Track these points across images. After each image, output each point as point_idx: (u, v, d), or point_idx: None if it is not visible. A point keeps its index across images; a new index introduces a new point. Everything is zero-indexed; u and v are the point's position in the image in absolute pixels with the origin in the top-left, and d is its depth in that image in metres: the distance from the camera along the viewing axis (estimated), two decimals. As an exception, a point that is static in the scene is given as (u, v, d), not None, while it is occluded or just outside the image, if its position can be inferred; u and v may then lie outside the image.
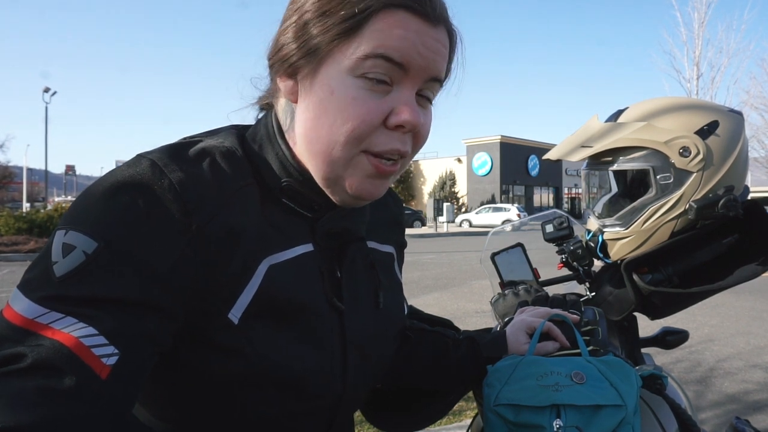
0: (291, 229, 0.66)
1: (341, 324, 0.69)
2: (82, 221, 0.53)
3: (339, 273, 0.70)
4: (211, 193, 0.59)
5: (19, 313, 0.49)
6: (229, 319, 0.59)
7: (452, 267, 10.64)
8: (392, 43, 0.59)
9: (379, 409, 0.99)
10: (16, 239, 13.13)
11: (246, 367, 0.61)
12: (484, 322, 4.83)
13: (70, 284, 0.50)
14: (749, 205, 1.10)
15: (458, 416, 2.95)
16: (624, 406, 0.75)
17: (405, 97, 0.61)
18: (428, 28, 0.61)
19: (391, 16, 0.59)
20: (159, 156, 0.58)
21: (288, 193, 0.66)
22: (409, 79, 0.61)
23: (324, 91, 0.61)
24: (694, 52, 19.38)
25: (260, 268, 0.61)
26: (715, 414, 3.24)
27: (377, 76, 0.60)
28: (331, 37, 0.60)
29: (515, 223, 1.86)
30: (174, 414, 0.66)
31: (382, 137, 0.61)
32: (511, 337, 0.94)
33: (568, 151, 1.17)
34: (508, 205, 31.68)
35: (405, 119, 0.60)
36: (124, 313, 0.51)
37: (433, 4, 0.62)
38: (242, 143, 0.67)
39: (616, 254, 1.18)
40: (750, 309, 6.32)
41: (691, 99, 1.21)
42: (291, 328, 0.64)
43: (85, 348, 0.48)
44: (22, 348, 0.47)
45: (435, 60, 0.62)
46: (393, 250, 0.85)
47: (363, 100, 0.59)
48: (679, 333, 1.34)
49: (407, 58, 0.60)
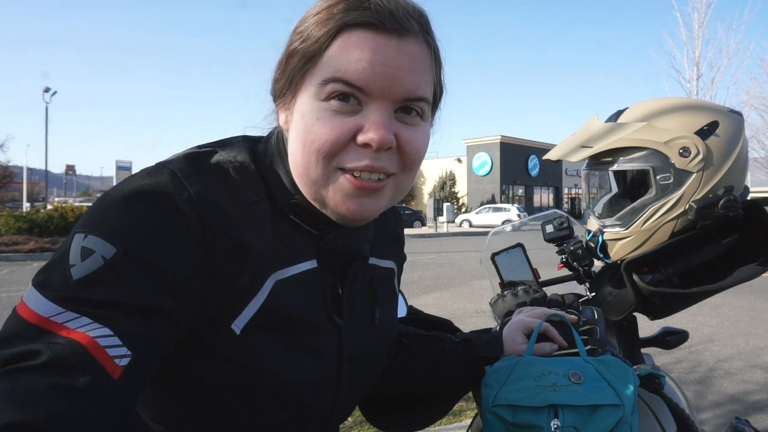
0: (297, 245, 0.67)
1: (339, 339, 0.71)
2: (101, 226, 0.54)
3: (340, 290, 0.72)
4: (226, 208, 0.60)
5: (34, 310, 0.50)
6: (232, 330, 0.61)
7: (452, 267, 10.64)
8: (348, 66, 0.59)
9: (379, 409, 0.99)
10: (16, 239, 13.13)
11: (243, 376, 0.62)
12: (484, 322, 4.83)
13: (87, 287, 0.51)
14: (749, 206, 1.10)
15: (458, 416, 2.95)
16: (621, 406, 0.75)
17: (373, 116, 0.60)
18: (391, 43, 0.60)
19: (348, 37, 0.60)
20: (179, 167, 0.60)
21: (296, 210, 0.67)
22: (376, 99, 0.61)
23: (297, 117, 0.63)
24: (694, 52, 19.39)
25: (267, 284, 0.63)
26: (715, 414, 3.24)
27: (338, 98, 0.60)
28: (300, 67, 0.63)
29: (515, 224, 1.86)
30: (168, 417, 0.67)
31: (352, 154, 0.61)
32: (507, 337, 0.94)
33: (568, 151, 1.17)
34: (508, 205, 31.71)
35: (370, 137, 0.60)
36: (137, 317, 0.52)
37: (394, 16, 0.60)
38: (254, 157, 0.68)
39: (616, 254, 1.18)
40: (750, 309, 6.32)
41: (691, 99, 1.20)
42: (290, 341, 0.65)
43: (100, 348, 0.49)
44: (37, 345, 0.48)
45: (401, 77, 0.60)
46: (394, 265, 0.86)
47: (327, 119, 0.60)
48: (679, 333, 1.34)
49: (365, 80, 0.59)
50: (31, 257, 12.08)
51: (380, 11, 0.60)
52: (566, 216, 1.33)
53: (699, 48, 19.25)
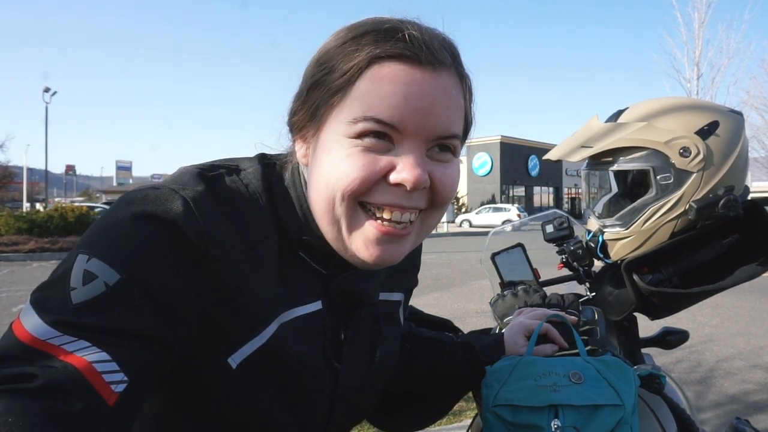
0: (304, 284, 0.66)
1: (334, 380, 0.70)
2: (107, 249, 0.53)
3: (343, 335, 0.71)
4: (235, 244, 0.59)
5: (30, 332, 0.49)
6: (228, 364, 0.60)
7: (452, 267, 10.63)
8: (381, 103, 0.56)
9: (379, 409, 0.99)
10: (16, 239, 13.13)
11: (231, 408, 0.61)
12: (485, 322, 4.83)
13: (86, 313, 0.50)
14: (749, 206, 1.10)
15: (458, 416, 2.95)
16: (622, 406, 0.75)
17: (406, 155, 0.58)
18: (425, 76, 0.57)
19: (380, 70, 0.57)
20: (192, 196, 0.57)
21: (306, 247, 0.65)
22: (410, 136, 0.58)
23: (322, 153, 0.60)
24: (695, 52, 19.39)
25: (271, 327, 0.62)
26: (715, 414, 3.24)
27: (374, 137, 0.57)
28: (325, 100, 0.59)
29: (515, 224, 1.86)
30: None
31: (381, 192, 0.59)
32: (508, 339, 0.94)
33: (568, 151, 1.17)
34: (508, 205, 31.71)
35: (404, 177, 0.57)
36: (136, 344, 0.51)
37: (429, 48, 0.57)
38: (267, 186, 0.65)
39: (616, 254, 1.18)
40: (750, 309, 6.32)
41: (692, 99, 1.20)
42: (284, 379, 0.64)
43: (96, 373, 0.48)
44: (32, 368, 0.47)
45: (436, 112, 0.58)
46: (402, 297, 0.85)
47: (357, 157, 0.57)
48: (680, 333, 1.34)
49: (400, 117, 0.56)
50: (31, 257, 12.08)
51: (414, 43, 0.57)
52: (566, 216, 1.33)
53: (699, 48, 19.26)
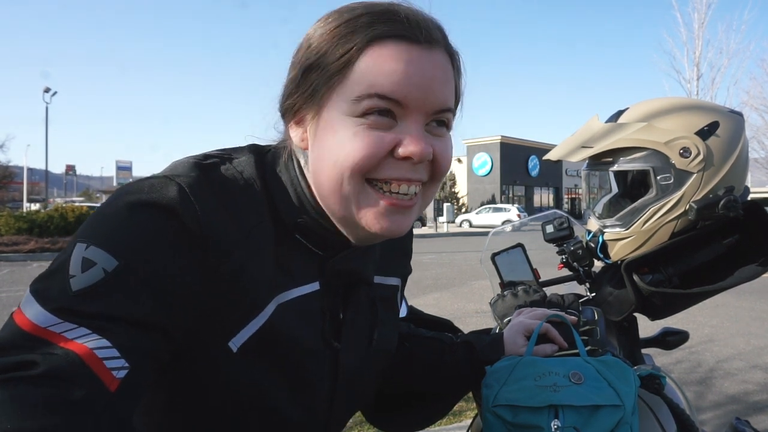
0: (300, 266, 0.67)
1: (334, 362, 0.70)
2: (104, 237, 0.53)
3: (342, 314, 0.71)
4: (231, 230, 0.59)
5: (31, 320, 0.49)
6: (229, 347, 0.60)
7: (452, 267, 10.63)
8: (384, 80, 0.59)
9: (379, 409, 0.99)
10: (16, 239, 13.13)
11: (233, 392, 0.62)
12: (485, 322, 4.83)
13: (86, 299, 0.51)
14: (749, 206, 1.10)
15: (458, 416, 2.95)
16: (622, 406, 0.75)
17: (410, 129, 0.61)
18: (422, 54, 0.60)
19: (379, 49, 0.59)
20: (188, 182, 0.58)
21: (302, 230, 0.66)
22: (412, 111, 0.61)
23: (327, 133, 0.62)
24: (695, 52, 19.40)
25: (269, 307, 0.62)
26: (715, 414, 3.24)
27: (379, 114, 0.60)
28: (325, 81, 0.61)
29: (515, 224, 1.86)
30: (154, 430, 0.66)
31: (387, 167, 0.61)
32: (508, 339, 0.94)
33: (568, 151, 1.17)
34: (508, 206, 31.71)
35: (412, 151, 0.60)
36: (135, 330, 0.52)
37: (424, 28, 0.61)
38: (261, 173, 0.66)
39: (616, 255, 1.18)
40: (750, 309, 6.32)
41: (692, 99, 1.20)
42: (284, 362, 0.65)
43: (97, 359, 0.48)
44: (33, 355, 0.47)
45: (434, 87, 0.61)
46: (398, 282, 0.85)
47: (364, 135, 0.60)
48: (680, 333, 1.34)
49: (403, 93, 0.59)
50: (31, 257, 12.07)
51: (411, 23, 0.60)
52: (566, 216, 1.33)
53: (699, 48, 19.28)
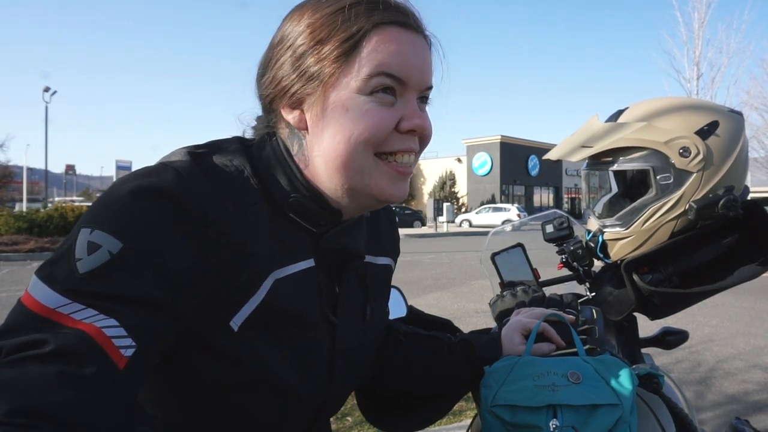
0: (295, 244, 0.69)
1: (332, 336, 0.73)
2: (108, 221, 0.55)
3: (337, 289, 0.74)
4: (228, 209, 0.61)
5: (40, 301, 0.51)
6: (230, 326, 0.62)
7: (452, 267, 10.64)
8: (390, 60, 0.65)
9: (379, 409, 0.99)
10: (16, 239, 13.13)
11: (239, 372, 0.64)
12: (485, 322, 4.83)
13: (93, 281, 0.52)
14: (749, 205, 1.10)
15: (458, 416, 2.95)
16: (620, 406, 0.75)
17: (411, 105, 0.68)
18: (416, 38, 0.68)
19: (383, 33, 0.65)
20: (183, 166, 0.61)
21: (295, 208, 0.69)
22: (410, 89, 0.67)
23: (338, 112, 0.66)
24: (694, 52, 19.41)
25: (266, 282, 0.64)
26: (715, 414, 3.24)
27: (383, 92, 0.66)
28: (330, 62, 0.65)
29: (515, 223, 1.86)
30: (164, 411, 0.68)
31: (393, 140, 0.67)
32: (505, 338, 0.94)
33: (568, 151, 1.17)
34: (508, 205, 31.72)
35: (417, 123, 0.68)
36: (141, 310, 0.53)
37: (415, 17, 0.69)
38: (249, 159, 0.69)
39: (616, 254, 1.18)
40: (750, 309, 6.32)
41: (691, 99, 1.20)
42: (286, 338, 0.67)
43: (106, 338, 0.50)
44: (43, 335, 0.48)
45: (427, 68, 0.69)
46: (391, 261, 0.88)
47: (375, 111, 0.65)
48: (679, 333, 1.34)
49: (406, 72, 0.66)
50: (31, 257, 12.08)
51: (404, 11, 0.68)
52: (566, 216, 1.33)
53: (699, 48, 19.29)
